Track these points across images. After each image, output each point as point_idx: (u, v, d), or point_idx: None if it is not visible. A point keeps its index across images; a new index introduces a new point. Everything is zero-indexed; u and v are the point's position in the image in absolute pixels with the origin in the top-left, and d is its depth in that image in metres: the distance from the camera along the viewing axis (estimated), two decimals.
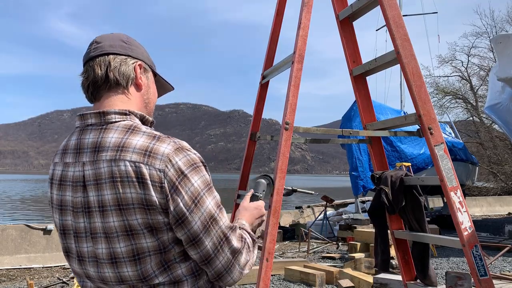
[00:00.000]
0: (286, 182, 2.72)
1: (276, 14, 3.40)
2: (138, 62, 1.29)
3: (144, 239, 1.12)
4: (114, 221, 1.11)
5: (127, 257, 1.13)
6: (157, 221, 1.11)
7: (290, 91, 2.72)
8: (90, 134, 1.19)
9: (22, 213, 19.98)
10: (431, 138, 2.65)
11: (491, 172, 24.68)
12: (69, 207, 1.19)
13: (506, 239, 9.26)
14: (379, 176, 3.16)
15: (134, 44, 1.32)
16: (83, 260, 1.20)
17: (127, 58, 1.27)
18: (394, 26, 2.71)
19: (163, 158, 1.11)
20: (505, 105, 9.24)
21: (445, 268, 6.82)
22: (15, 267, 7.01)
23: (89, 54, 1.26)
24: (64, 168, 1.21)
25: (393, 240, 3.17)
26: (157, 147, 1.12)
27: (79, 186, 1.17)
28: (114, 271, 1.15)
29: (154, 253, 1.13)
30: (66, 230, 1.22)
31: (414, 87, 2.68)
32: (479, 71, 27.40)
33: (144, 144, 1.13)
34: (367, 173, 10.13)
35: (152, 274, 1.14)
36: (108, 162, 1.12)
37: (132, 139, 1.14)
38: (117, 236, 1.12)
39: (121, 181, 1.10)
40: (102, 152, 1.14)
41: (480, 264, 2.52)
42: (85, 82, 1.26)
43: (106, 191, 1.12)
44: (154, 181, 1.09)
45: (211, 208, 1.15)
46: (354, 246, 7.59)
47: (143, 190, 1.09)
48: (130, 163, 1.10)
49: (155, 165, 1.10)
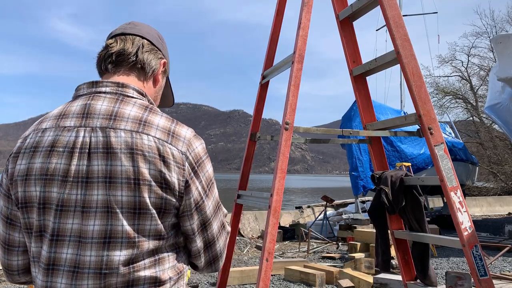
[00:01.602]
0: (286, 182, 2.71)
1: (276, 14, 3.40)
2: (164, 60, 1.29)
3: (149, 221, 1.05)
4: (123, 195, 1.03)
5: (127, 237, 1.03)
6: (169, 203, 1.06)
7: (290, 91, 2.72)
8: (104, 101, 1.10)
9: None
10: (431, 138, 2.65)
11: (491, 172, 24.68)
12: (57, 176, 1.05)
13: (506, 239, 9.26)
14: (379, 176, 3.16)
15: (165, 44, 1.34)
16: (59, 240, 1.05)
17: (158, 51, 1.28)
18: (394, 26, 2.71)
19: (185, 141, 1.10)
20: (505, 105, 9.24)
21: (445, 268, 6.82)
22: None
23: (124, 30, 1.25)
24: (59, 132, 1.08)
25: (393, 240, 3.17)
26: (178, 130, 1.12)
27: (81, 153, 1.05)
28: (100, 253, 1.02)
29: (153, 239, 1.06)
30: (46, 204, 1.06)
31: (414, 87, 2.68)
32: (479, 71, 27.42)
33: (166, 124, 1.11)
34: (367, 173, 10.13)
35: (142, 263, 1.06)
36: (128, 132, 1.05)
37: (154, 118, 1.10)
38: (121, 212, 1.03)
39: (142, 154, 1.04)
40: (120, 121, 1.07)
41: (480, 264, 2.52)
42: (109, 50, 1.20)
43: (119, 162, 1.03)
44: (176, 162, 1.07)
45: (217, 197, 1.20)
46: (354, 246, 7.59)
47: (164, 169, 1.05)
48: (155, 138, 1.06)
49: (178, 146, 1.08)
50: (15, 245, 1.15)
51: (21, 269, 1.19)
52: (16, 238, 1.15)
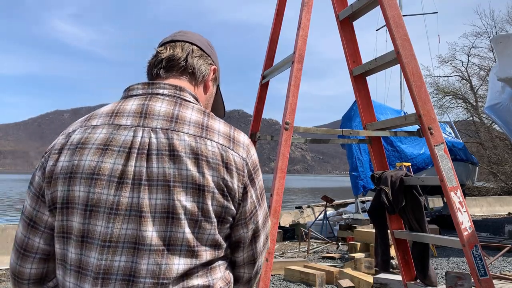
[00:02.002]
0: (286, 182, 2.71)
1: (276, 14, 3.40)
2: (214, 66, 1.28)
3: (208, 230, 1.00)
4: (187, 201, 0.98)
5: (186, 245, 0.97)
6: (228, 212, 1.03)
7: (290, 91, 2.72)
8: (163, 103, 1.07)
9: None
10: (431, 138, 2.65)
11: (491, 172, 24.67)
12: (111, 177, 0.98)
13: (506, 239, 9.26)
14: (379, 176, 3.16)
15: (214, 51, 1.32)
16: (111, 247, 0.96)
17: (208, 57, 1.26)
18: (394, 26, 2.71)
19: (244, 147, 1.09)
20: (505, 105, 9.24)
21: (445, 268, 6.82)
22: None
23: (173, 37, 1.25)
24: (114, 131, 1.02)
25: (393, 240, 3.17)
26: (237, 136, 1.10)
27: (140, 154, 0.99)
28: (158, 261, 0.96)
29: (210, 249, 1.02)
30: (94, 206, 0.97)
31: (414, 87, 2.68)
32: (479, 71, 27.42)
33: (225, 130, 1.08)
34: (367, 173, 10.13)
35: (195, 273, 1.00)
36: (192, 137, 1.02)
37: (213, 123, 1.08)
38: (184, 219, 0.97)
39: (206, 160, 1.00)
40: (182, 124, 1.03)
41: (480, 264, 2.52)
42: (159, 56, 1.20)
43: (184, 166, 0.99)
44: (237, 168, 1.05)
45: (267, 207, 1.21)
46: (354, 246, 7.59)
47: (227, 176, 1.02)
48: (218, 144, 1.04)
49: (239, 152, 1.06)
50: (32, 251, 1.06)
51: (32, 279, 1.08)
52: (35, 243, 1.05)
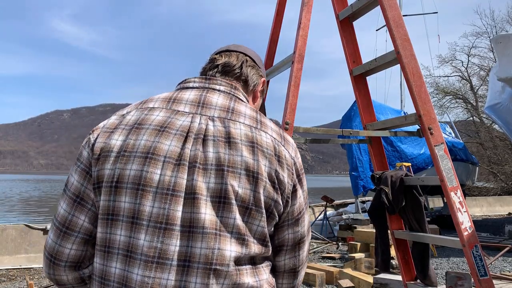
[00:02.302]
0: None
1: (276, 14, 3.40)
2: (264, 78, 1.33)
3: (258, 221, 0.99)
4: (240, 187, 0.97)
5: (237, 232, 0.96)
6: (277, 206, 1.02)
7: (290, 91, 2.72)
8: (219, 96, 1.11)
9: (22, 213, 19.99)
10: (431, 138, 2.65)
11: (491, 172, 24.67)
12: (167, 158, 0.98)
13: (506, 239, 9.26)
14: (379, 176, 3.16)
15: (263, 66, 1.38)
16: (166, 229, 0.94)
17: (259, 69, 1.32)
18: (394, 26, 2.70)
19: (292, 146, 1.11)
20: (505, 105, 9.24)
21: (445, 268, 6.82)
22: (15, 267, 7.01)
23: (228, 47, 1.30)
24: (171, 115, 1.04)
25: (393, 240, 3.16)
26: (287, 136, 1.13)
27: (196, 138, 1.00)
28: (210, 246, 0.94)
29: (258, 243, 1.00)
30: (146, 186, 0.96)
31: (414, 87, 2.68)
32: (479, 71, 27.41)
33: (276, 128, 1.13)
34: (367, 173, 10.13)
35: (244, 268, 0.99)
36: (248, 126, 1.05)
37: (266, 120, 1.12)
38: (235, 204, 0.96)
39: (261, 150, 1.02)
40: (238, 116, 1.07)
41: (480, 264, 2.52)
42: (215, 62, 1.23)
43: (240, 152, 0.99)
44: (288, 164, 1.06)
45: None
46: (354, 246, 7.59)
47: (279, 168, 1.03)
48: (272, 137, 1.07)
49: (289, 150, 1.09)
50: (75, 229, 1.02)
51: (70, 261, 1.03)
52: (80, 221, 1.02)
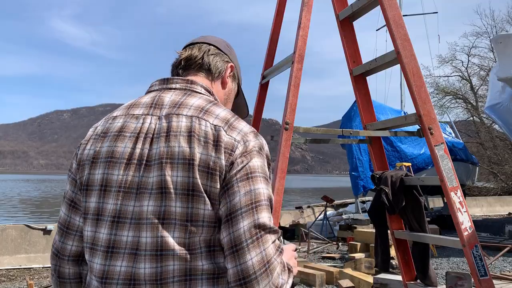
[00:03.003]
0: (286, 182, 2.71)
1: (276, 15, 3.40)
2: (231, 63, 1.35)
3: (202, 205, 1.03)
4: (178, 175, 1.03)
5: (179, 219, 1.02)
6: (214, 191, 1.04)
7: (290, 91, 2.72)
8: (172, 95, 1.17)
9: (22, 213, 19.99)
10: (431, 138, 2.65)
11: (491, 172, 24.66)
12: (121, 159, 1.09)
13: (506, 239, 9.26)
14: (379, 176, 3.16)
15: (233, 52, 1.40)
16: (119, 222, 1.06)
17: (225, 55, 1.34)
18: (394, 26, 2.70)
19: (240, 132, 1.10)
20: (505, 105, 9.24)
21: (445, 268, 6.81)
22: (15, 267, 7.01)
23: (193, 40, 1.36)
24: (128, 119, 1.14)
25: (393, 240, 3.16)
26: (236, 123, 1.12)
27: (146, 138, 1.10)
28: (156, 235, 1.02)
29: (207, 226, 1.03)
30: (107, 186, 1.09)
31: (414, 87, 2.67)
32: (479, 71, 27.41)
33: (226, 115, 1.13)
34: (367, 173, 10.13)
35: (198, 251, 1.03)
36: (189, 118, 1.09)
37: (216, 108, 1.14)
38: (175, 193, 1.03)
39: (198, 138, 1.06)
40: (182, 109, 1.12)
41: (480, 264, 2.52)
42: (179, 58, 1.31)
43: (177, 143, 1.05)
44: (227, 147, 1.06)
45: (262, 193, 1.05)
46: (354, 246, 7.59)
47: (214, 153, 1.05)
48: (211, 125, 1.08)
49: (232, 135, 1.08)
50: (74, 228, 1.19)
51: (72, 255, 1.20)
52: (76, 222, 1.18)
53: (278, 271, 1.01)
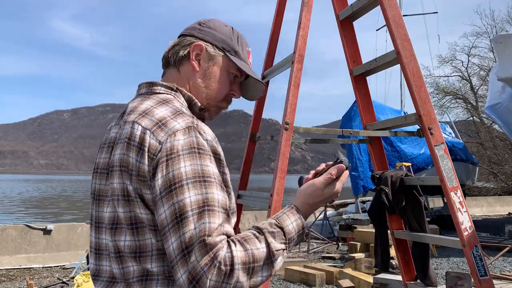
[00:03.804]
0: (286, 182, 2.71)
1: (276, 15, 3.40)
2: (198, 42, 1.23)
3: (139, 209, 1.03)
4: (116, 182, 1.06)
5: (125, 223, 1.05)
6: (147, 195, 1.03)
7: (290, 91, 2.72)
8: (135, 101, 1.18)
9: (22, 213, 19.99)
10: (431, 138, 2.65)
11: (491, 172, 24.66)
12: (97, 169, 1.18)
13: (506, 239, 9.26)
14: (379, 176, 3.16)
15: (212, 27, 1.27)
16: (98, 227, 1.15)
17: (188, 37, 1.25)
18: (394, 26, 2.70)
19: (169, 131, 1.03)
20: (505, 105, 9.24)
21: (445, 268, 6.82)
22: (15, 267, 7.01)
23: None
24: (108, 130, 1.21)
25: (393, 240, 3.16)
26: (171, 121, 1.05)
27: (108, 147, 1.15)
28: (111, 238, 1.08)
29: (151, 229, 1.04)
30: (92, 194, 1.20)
31: (414, 87, 2.67)
32: (479, 71, 27.41)
33: (163, 115, 1.07)
34: (367, 173, 10.13)
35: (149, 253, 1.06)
36: (130, 123, 1.09)
37: (157, 109, 1.10)
38: (118, 199, 1.06)
39: (127, 142, 1.06)
40: (131, 115, 1.11)
41: (480, 264, 2.52)
42: None
43: (118, 151, 1.08)
44: (150, 150, 1.02)
45: (188, 203, 0.97)
46: (354, 246, 7.59)
47: (139, 157, 1.02)
48: (142, 128, 1.05)
49: (158, 136, 1.03)
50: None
51: None
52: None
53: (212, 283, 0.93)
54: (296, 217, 1.13)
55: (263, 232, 1.05)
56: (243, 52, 1.30)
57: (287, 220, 1.12)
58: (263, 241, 1.03)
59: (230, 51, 1.26)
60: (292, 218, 1.13)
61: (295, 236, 1.11)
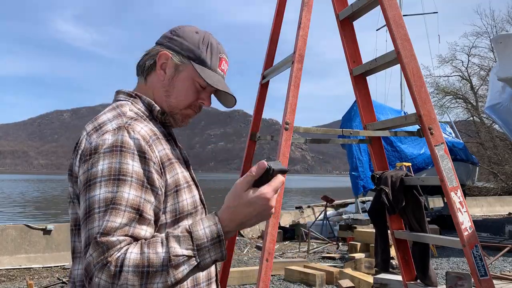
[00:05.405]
0: (286, 182, 2.71)
1: (276, 15, 3.40)
2: (163, 51, 1.24)
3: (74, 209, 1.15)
4: (69, 185, 1.16)
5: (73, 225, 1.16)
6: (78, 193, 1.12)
7: (290, 91, 2.72)
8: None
9: (22, 213, 19.98)
10: (431, 138, 2.65)
11: (492, 172, 24.66)
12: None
13: (506, 239, 9.26)
14: (379, 176, 3.16)
15: (181, 35, 1.26)
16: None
17: (157, 47, 1.27)
18: (394, 26, 2.70)
19: (100, 133, 1.07)
20: (505, 105, 9.23)
21: (445, 268, 6.82)
22: (15, 267, 7.01)
23: None
24: None
25: (393, 240, 3.16)
26: (107, 123, 1.10)
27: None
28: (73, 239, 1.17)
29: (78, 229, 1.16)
30: None
31: (414, 87, 2.67)
32: (480, 71, 27.40)
33: (105, 119, 1.12)
34: (367, 173, 10.13)
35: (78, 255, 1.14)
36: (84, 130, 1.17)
37: (105, 114, 1.15)
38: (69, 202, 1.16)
39: (74, 149, 1.14)
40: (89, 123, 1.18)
41: (480, 264, 2.52)
42: None
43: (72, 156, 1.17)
44: (82, 152, 1.08)
45: (96, 200, 0.99)
46: (354, 246, 7.59)
47: (76, 160, 1.11)
48: (85, 133, 1.13)
49: (91, 137, 1.08)
50: None
51: None
52: None
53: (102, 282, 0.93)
54: (211, 223, 1.00)
55: (168, 235, 0.98)
56: (213, 60, 1.26)
57: (200, 225, 1.00)
58: (165, 245, 0.96)
59: (195, 60, 1.24)
60: (206, 223, 1.00)
61: (207, 243, 0.98)
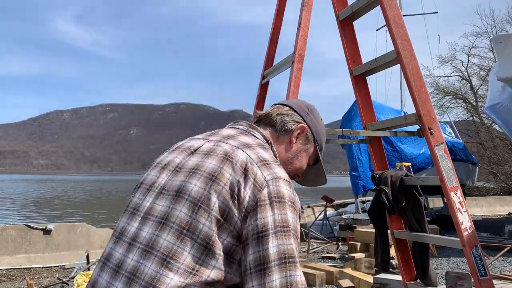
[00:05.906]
0: None
1: (276, 15, 3.40)
2: (302, 124, 1.36)
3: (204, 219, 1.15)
4: (198, 186, 1.16)
5: (199, 238, 1.10)
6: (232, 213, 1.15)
7: (290, 91, 2.73)
8: (230, 130, 1.33)
9: (22, 213, 19.98)
10: (431, 138, 2.65)
11: (491, 172, 24.65)
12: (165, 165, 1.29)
13: (506, 239, 9.26)
14: (379, 176, 3.16)
15: (314, 114, 1.42)
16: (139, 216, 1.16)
17: (297, 115, 1.37)
18: (394, 26, 2.70)
19: (274, 174, 1.18)
20: (505, 105, 9.23)
21: (445, 268, 6.82)
22: (15, 267, 7.01)
23: (276, 103, 1.46)
24: (187, 140, 1.37)
25: (393, 240, 3.16)
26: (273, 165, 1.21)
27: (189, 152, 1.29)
28: (154, 232, 1.10)
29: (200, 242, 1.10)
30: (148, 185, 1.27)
31: (414, 87, 2.67)
32: (479, 71, 27.37)
33: (266, 157, 1.22)
34: (367, 173, 10.12)
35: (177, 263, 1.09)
36: (230, 146, 1.23)
37: (259, 148, 1.25)
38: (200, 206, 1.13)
39: (226, 158, 1.18)
40: (231, 140, 1.26)
41: (480, 264, 2.52)
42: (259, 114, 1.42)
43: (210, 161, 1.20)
44: (256, 181, 1.15)
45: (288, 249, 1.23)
46: (354, 246, 7.59)
47: (241, 179, 1.15)
48: (247, 156, 1.18)
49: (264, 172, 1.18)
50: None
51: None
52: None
53: None
54: None
55: None
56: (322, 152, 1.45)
57: None
58: None
59: (317, 145, 1.41)
60: None
61: None
